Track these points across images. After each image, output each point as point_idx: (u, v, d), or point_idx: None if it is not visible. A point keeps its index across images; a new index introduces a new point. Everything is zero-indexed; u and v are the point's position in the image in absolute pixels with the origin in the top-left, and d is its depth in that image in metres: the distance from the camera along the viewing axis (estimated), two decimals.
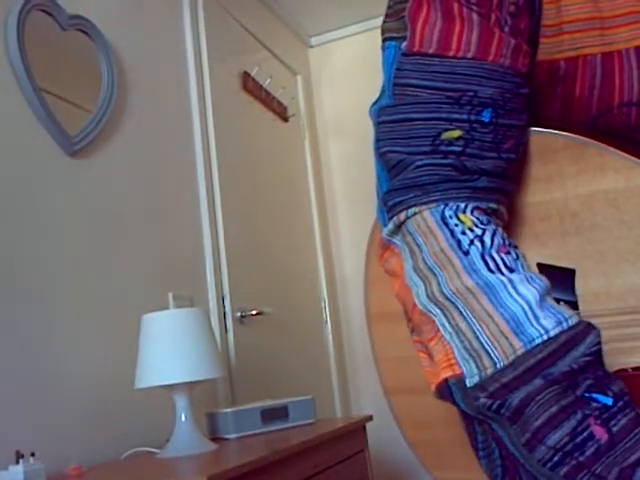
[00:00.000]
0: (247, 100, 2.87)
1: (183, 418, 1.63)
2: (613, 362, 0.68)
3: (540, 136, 0.74)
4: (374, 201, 2.95)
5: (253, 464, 1.36)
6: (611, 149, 0.70)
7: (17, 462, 1.32)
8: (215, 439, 1.82)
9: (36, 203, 1.68)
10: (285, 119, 3.20)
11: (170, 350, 1.58)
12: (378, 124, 0.72)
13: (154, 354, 1.58)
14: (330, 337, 3.16)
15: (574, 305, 0.70)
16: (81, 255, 1.79)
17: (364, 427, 1.99)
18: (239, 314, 2.43)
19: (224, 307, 2.37)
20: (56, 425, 1.61)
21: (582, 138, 0.72)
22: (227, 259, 2.41)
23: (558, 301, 0.69)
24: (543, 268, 0.72)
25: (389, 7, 0.75)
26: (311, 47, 3.65)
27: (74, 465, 1.53)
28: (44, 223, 1.69)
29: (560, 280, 0.71)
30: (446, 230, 0.65)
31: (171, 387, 1.62)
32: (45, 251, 1.68)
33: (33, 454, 1.36)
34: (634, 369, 0.67)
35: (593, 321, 0.69)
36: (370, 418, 2.00)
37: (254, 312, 2.48)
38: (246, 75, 2.87)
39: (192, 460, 1.48)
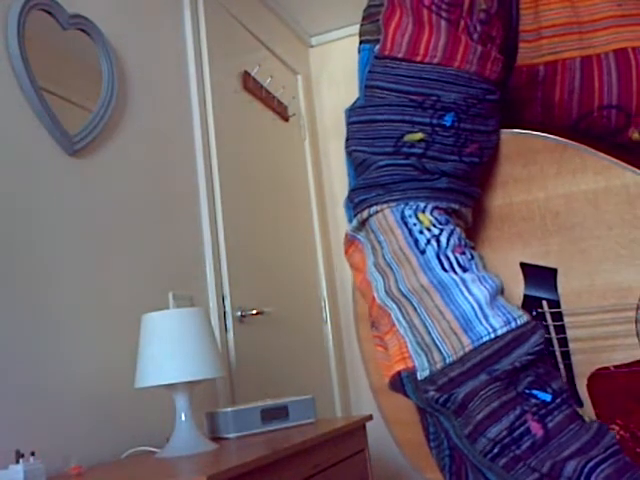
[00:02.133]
0: (247, 100, 2.87)
1: (183, 418, 1.63)
2: (595, 360, 0.69)
3: (521, 137, 0.75)
4: None
5: (253, 464, 1.37)
6: (590, 150, 0.71)
7: (17, 462, 1.33)
8: (215, 439, 1.82)
9: (36, 202, 1.68)
10: (285, 119, 3.20)
11: (170, 350, 1.58)
12: (348, 124, 0.75)
13: (154, 354, 1.59)
14: (330, 337, 3.16)
15: (556, 304, 0.71)
16: (81, 255, 1.80)
17: (364, 427, 2.00)
18: (239, 314, 2.43)
19: (224, 307, 2.37)
20: (56, 425, 1.61)
21: (562, 140, 0.73)
22: (227, 259, 2.41)
23: (538, 299, 0.71)
24: (526, 267, 0.73)
25: (365, 10, 0.77)
26: (311, 47, 3.65)
27: (74, 465, 1.54)
28: (44, 223, 1.70)
29: (542, 279, 0.72)
30: (405, 229, 0.68)
31: (171, 387, 1.62)
32: (45, 251, 1.68)
33: (33, 454, 1.36)
34: (616, 367, 0.68)
35: (575, 320, 0.70)
36: (370, 418, 2.00)
37: (254, 312, 2.48)
38: (246, 75, 2.87)
39: (192, 460, 1.48)
